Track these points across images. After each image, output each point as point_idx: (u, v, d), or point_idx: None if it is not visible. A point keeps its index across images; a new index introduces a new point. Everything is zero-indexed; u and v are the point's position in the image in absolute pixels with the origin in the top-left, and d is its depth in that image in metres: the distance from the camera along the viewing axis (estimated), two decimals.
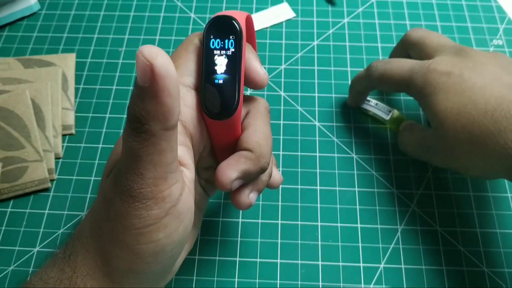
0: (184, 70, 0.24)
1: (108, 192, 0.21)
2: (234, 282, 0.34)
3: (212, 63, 0.24)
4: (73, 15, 0.48)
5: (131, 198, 0.20)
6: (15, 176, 0.37)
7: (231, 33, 0.23)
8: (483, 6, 0.48)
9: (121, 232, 0.21)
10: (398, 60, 0.34)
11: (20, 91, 0.41)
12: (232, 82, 0.23)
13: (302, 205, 0.37)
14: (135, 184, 0.20)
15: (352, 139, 0.40)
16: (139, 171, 0.20)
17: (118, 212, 0.21)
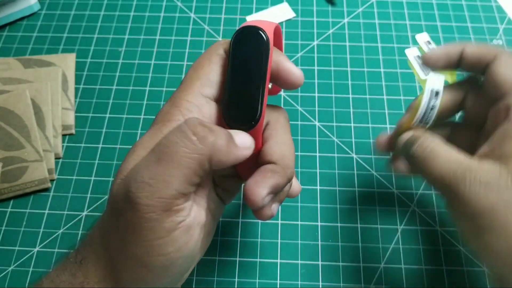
0: (206, 81, 0.24)
1: (119, 202, 0.21)
2: (234, 282, 0.34)
3: (238, 74, 0.23)
4: (73, 15, 0.48)
5: (145, 208, 0.20)
6: (15, 176, 0.37)
7: (259, 44, 0.23)
8: (483, 6, 0.48)
9: (131, 243, 0.21)
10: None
11: (20, 91, 0.41)
12: (257, 93, 0.23)
13: (302, 205, 0.37)
14: (155, 193, 0.20)
15: (352, 139, 0.40)
16: (168, 180, 0.20)
17: (130, 223, 0.20)
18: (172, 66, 0.44)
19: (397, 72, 0.44)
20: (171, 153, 0.20)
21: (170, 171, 0.20)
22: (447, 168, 0.24)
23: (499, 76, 0.26)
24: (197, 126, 0.21)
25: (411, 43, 0.46)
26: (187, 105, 0.23)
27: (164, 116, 0.23)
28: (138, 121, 0.41)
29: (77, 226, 0.36)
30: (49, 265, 0.34)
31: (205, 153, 0.21)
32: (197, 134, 0.21)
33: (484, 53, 0.27)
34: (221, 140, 0.21)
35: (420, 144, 0.26)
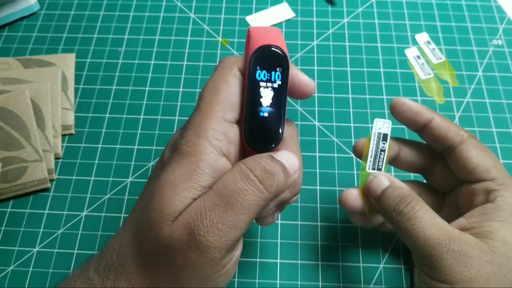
0: (226, 105, 0.23)
1: (178, 242, 0.21)
2: (234, 282, 0.34)
3: (258, 96, 0.23)
4: (73, 15, 0.48)
5: (213, 250, 0.21)
6: (15, 176, 0.37)
7: (278, 64, 0.23)
8: (482, 6, 0.48)
9: (187, 279, 0.21)
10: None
11: (20, 91, 0.40)
12: (278, 115, 0.23)
13: (302, 205, 0.37)
14: (225, 236, 0.21)
15: (351, 139, 0.40)
16: (237, 225, 0.21)
17: (190, 261, 0.21)
18: (172, 66, 0.44)
19: (397, 72, 0.44)
20: (242, 200, 0.21)
21: (240, 217, 0.21)
22: (432, 232, 0.24)
23: (471, 162, 0.27)
24: (263, 174, 0.22)
25: (411, 43, 0.46)
26: (214, 133, 0.22)
27: (194, 148, 0.22)
28: (138, 121, 0.41)
29: (77, 226, 0.36)
30: (49, 265, 0.34)
31: (271, 198, 0.22)
32: (264, 183, 0.22)
33: (451, 133, 0.28)
34: (281, 178, 0.22)
35: (410, 203, 0.26)
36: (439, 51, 0.45)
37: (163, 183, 0.22)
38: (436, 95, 0.42)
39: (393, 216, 0.26)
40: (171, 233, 0.21)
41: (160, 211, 0.21)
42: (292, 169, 0.23)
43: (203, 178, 0.22)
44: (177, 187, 0.22)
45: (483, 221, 0.26)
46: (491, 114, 0.41)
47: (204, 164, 0.22)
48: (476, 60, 0.44)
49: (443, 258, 0.24)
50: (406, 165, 0.31)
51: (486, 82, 0.43)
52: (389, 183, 0.28)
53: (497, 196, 0.26)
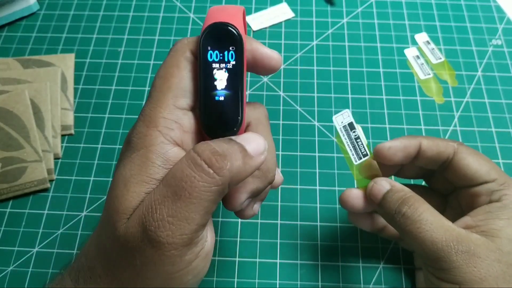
0: (179, 91, 0.22)
1: (133, 240, 0.20)
2: (233, 282, 0.34)
3: (211, 79, 0.21)
4: (72, 15, 0.48)
5: (167, 246, 0.19)
6: (14, 176, 0.37)
7: (231, 43, 0.21)
8: (482, 6, 0.48)
9: (150, 278, 0.20)
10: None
11: (19, 91, 0.40)
12: (235, 98, 0.21)
13: (301, 205, 0.37)
14: (177, 231, 0.19)
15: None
16: (189, 216, 0.19)
17: (149, 260, 0.20)
18: None
19: (396, 72, 0.44)
20: (189, 188, 0.19)
21: (190, 207, 0.19)
22: (439, 234, 0.24)
23: (470, 168, 0.28)
24: (211, 157, 0.20)
25: (410, 43, 0.46)
26: (164, 122, 0.21)
27: (144, 139, 0.21)
28: None
29: (77, 227, 0.36)
30: (49, 265, 0.34)
31: (224, 182, 0.20)
32: (212, 166, 0.20)
33: (442, 148, 0.28)
34: (237, 161, 0.20)
35: (412, 205, 0.26)
36: (439, 51, 0.45)
37: (116, 180, 0.21)
38: (436, 95, 0.42)
39: (396, 219, 0.26)
40: (126, 231, 0.20)
41: (114, 209, 0.20)
42: (255, 150, 0.21)
43: (155, 171, 0.20)
44: (128, 183, 0.20)
45: (489, 219, 0.26)
46: (490, 114, 0.41)
47: (155, 155, 0.21)
48: (476, 60, 0.44)
49: (452, 260, 0.24)
50: (410, 174, 0.32)
51: (485, 82, 0.43)
52: (389, 187, 0.27)
53: (502, 195, 0.27)
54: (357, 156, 0.29)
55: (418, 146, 0.28)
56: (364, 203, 0.29)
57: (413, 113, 0.41)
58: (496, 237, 0.25)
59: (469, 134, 0.40)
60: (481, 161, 0.28)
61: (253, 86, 0.43)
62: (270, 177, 0.24)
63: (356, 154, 0.29)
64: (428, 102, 0.42)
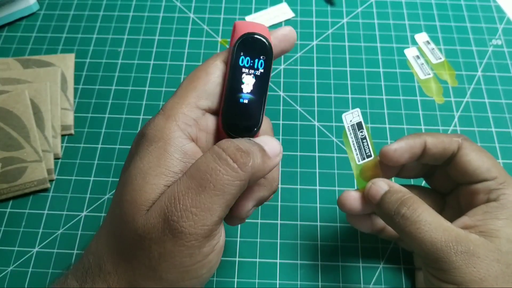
0: (202, 92, 0.23)
1: (153, 230, 0.20)
2: (233, 282, 0.34)
3: (239, 81, 0.23)
4: (72, 15, 0.48)
5: (188, 236, 0.20)
6: (14, 176, 0.37)
7: (262, 52, 0.23)
8: (482, 6, 0.48)
9: (166, 271, 0.20)
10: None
11: (19, 91, 0.40)
12: (258, 103, 0.23)
13: (301, 205, 0.37)
14: (200, 221, 0.20)
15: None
16: (212, 207, 0.20)
17: (167, 251, 0.20)
18: (171, 66, 0.44)
19: (396, 72, 0.44)
20: (214, 181, 0.20)
21: (213, 199, 0.20)
22: (438, 235, 0.24)
23: (472, 164, 0.28)
24: (236, 152, 0.21)
25: (410, 43, 0.46)
26: (184, 118, 0.22)
27: (162, 132, 0.22)
28: (137, 121, 0.41)
29: (77, 227, 0.36)
30: (49, 265, 0.34)
31: (247, 178, 0.21)
32: (237, 161, 0.21)
33: (447, 144, 0.28)
34: (258, 159, 0.21)
35: (410, 206, 0.26)
36: (439, 51, 0.45)
37: (133, 173, 0.21)
38: (436, 95, 0.42)
39: (396, 221, 0.26)
40: (145, 223, 0.20)
41: (132, 202, 0.21)
42: (272, 151, 0.22)
43: (173, 163, 0.21)
44: (147, 176, 0.21)
45: (487, 219, 0.26)
46: (490, 114, 0.41)
47: (173, 148, 0.21)
48: (476, 60, 0.44)
49: (451, 260, 0.24)
50: (411, 173, 0.32)
51: (485, 82, 0.43)
52: (387, 188, 0.27)
53: (500, 194, 0.27)
54: (361, 156, 0.29)
55: (423, 144, 0.28)
56: (362, 205, 0.29)
57: (413, 113, 0.41)
58: (495, 237, 0.25)
59: (469, 134, 0.40)
60: (484, 158, 0.28)
61: None
62: (275, 186, 0.25)
63: (360, 154, 0.29)
64: (428, 102, 0.42)
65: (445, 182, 0.31)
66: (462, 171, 0.28)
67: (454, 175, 0.29)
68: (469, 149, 0.28)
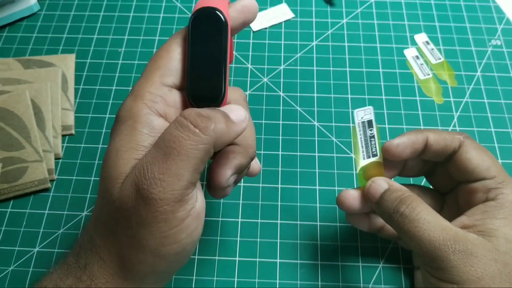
0: (166, 70, 0.24)
1: (128, 201, 0.21)
2: (233, 282, 0.34)
3: (198, 56, 0.23)
4: (73, 15, 0.48)
5: (159, 202, 0.21)
6: (15, 176, 0.37)
7: (217, 25, 0.23)
8: (481, 7, 0.48)
9: (145, 238, 0.21)
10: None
11: (20, 91, 0.41)
12: (219, 71, 0.24)
13: (301, 205, 0.37)
14: (168, 186, 0.21)
15: (351, 139, 0.40)
16: (179, 172, 0.21)
17: (143, 219, 0.21)
18: None
19: (396, 72, 0.44)
20: (178, 147, 0.21)
21: (179, 164, 0.21)
22: (436, 233, 0.25)
23: (472, 162, 0.28)
24: (196, 118, 0.22)
25: (410, 44, 0.46)
26: (150, 96, 0.23)
27: (131, 111, 0.23)
28: None
29: (77, 226, 0.36)
30: (49, 265, 0.34)
31: (210, 141, 0.22)
32: (198, 126, 0.21)
33: (448, 141, 0.28)
34: (221, 124, 0.22)
35: (409, 204, 0.26)
36: (438, 52, 0.45)
37: (108, 152, 0.23)
38: (435, 95, 0.42)
39: (394, 219, 0.26)
40: (120, 195, 0.21)
41: (108, 177, 0.22)
42: (236, 118, 0.23)
43: (142, 138, 0.22)
44: (119, 152, 0.22)
45: (485, 219, 0.26)
46: (489, 114, 0.41)
47: (141, 125, 0.22)
48: (475, 61, 0.45)
49: (449, 259, 0.24)
50: (412, 172, 0.32)
51: (484, 82, 0.43)
52: (387, 186, 0.28)
53: (498, 194, 0.27)
54: (367, 154, 0.29)
55: (425, 141, 0.29)
56: (360, 203, 0.29)
57: (412, 113, 0.41)
58: (493, 237, 0.25)
59: (469, 134, 0.40)
60: (484, 157, 0.28)
61: (253, 86, 0.43)
62: (251, 153, 0.26)
63: (366, 152, 0.29)
64: (427, 102, 0.42)
65: (445, 181, 0.31)
66: (461, 169, 0.28)
67: (454, 173, 0.29)
68: (470, 147, 0.28)
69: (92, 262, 0.23)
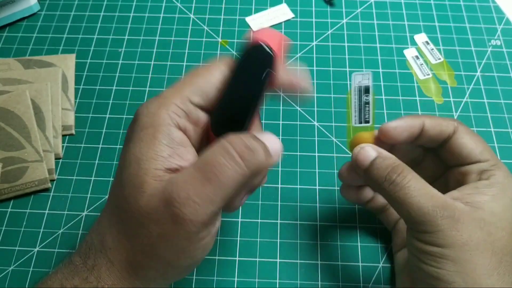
0: (198, 90, 0.24)
1: (154, 213, 0.21)
2: (233, 281, 0.34)
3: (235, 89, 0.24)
4: (73, 15, 0.48)
5: (189, 223, 0.21)
6: (15, 176, 0.37)
7: (264, 64, 0.24)
8: (481, 7, 0.48)
9: (163, 249, 0.22)
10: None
11: (20, 91, 0.41)
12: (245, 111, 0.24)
13: (301, 205, 0.37)
14: (200, 210, 0.21)
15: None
16: (214, 199, 0.21)
17: (166, 234, 0.21)
18: (172, 66, 0.44)
19: (396, 73, 0.44)
20: (220, 174, 0.21)
21: (216, 192, 0.21)
22: (426, 200, 0.25)
23: (467, 147, 0.28)
24: (243, 150, 0.22)
25: (410, 44, 0.46)
26: (174, 108, 0.23)
27: (153, 119, 0.23)
28: None
29: (77, 226, 0.36)
30: (49, 265, 0.35)
31: (249, 174, 0.22)
32: (244, 158, 0.22)
33: (444, 127, 0.29)
34: (261, 157, 0.23)
35: (401, 173, 0.26)
36: (438, 52, 0.45)
37: (128, 159, 0.23)
38: (435, 95, 0.43)
39: (385, 187, 0.26)
40: (147, 204, 0.22)
41: (131, 185, 0.22)
42: (273, 150, 0.24)
43: (161, 149, 0.22)
44: (140, 161, 0.22)
45: (475, 194, 0.27)
46: (489, 114, 0.41)
47: (162, 135, 0.23)
48: (475, 61, 0.45)
49: (437, 224, 0.24)
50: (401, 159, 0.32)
51: (484, 83, 0.43)
52: (376, 154, 0.28)
53: (490, 175, 0.27)
54: (359, 119, 0.29)
55: (421, 126, 0.29)
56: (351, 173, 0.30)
57: (412, 113, 0.41)
58: (479, 208, 0.25)
59: None
60: (477, 142, 0.29)
61: None
62: (266, 172, 0.26)
63: (358, 117, 0.29)
64: (427, 102, 0.42)
65: (432, 170, 0.31)
66: (456, 153, 0.29)
67: (447, 158, 0.30)
68: (464, 132, 0.29)
69: (100, 264, 0.23)
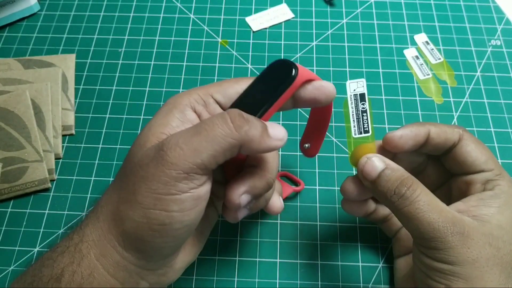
0: (222, 91, 0.26)
1: (145, 159, 0.23)
2: (233, 281, 0.34)
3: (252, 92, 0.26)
4: (73, 15, 0.48)
5: (170, 165, 0.22)
6: (15, 176, 0.37)
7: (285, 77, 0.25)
8: (481, 7, 0.48)
9: (141, 194, 0.23)
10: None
11: (20, 91, 0.41)
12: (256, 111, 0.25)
13: (301, 205, 0.37)
14: (184, 156, 0.22)
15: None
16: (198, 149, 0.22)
17: (147, 174, 0.23)
18: (172, 66, 0.44)
19: (396, 73, 0.44)
20: (209, 130, 0.23)
21: (202, 143, 0.22)
22: (435, 215, 0.25)
23: (471, 155, 0.28)
24: (236, 116, 0.23)
25: (410, 44, 0.46)
26: (196, 97, 0.26)
27: (175, 100, 0.26)
28: (138, 121, 0.41)
29: None
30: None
31: (237, 139, 0.23)
32: (234, 122, 0.23)
33: (449, 134, 0.29)
34: (256, 130, 0.24)
35: (410, 186, 0.26)
36: (438, 52, 0.45)
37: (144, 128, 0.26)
38: (435, 95, 0.43)
39: (394, 200, 0.26)
40: (142, 154, 0.24)
41: (137, 144, 0.25)
42: (274, 134, 0.24)
43: (172, 118, 0.25)
44: (151, 126, 0.25)
45: (480, 206, 0.26)
46: (489, 114, 0.41)
47: (177, 110, 0.25)
48: (475, 61, 0.45)
49: (447, 241, 0.24)
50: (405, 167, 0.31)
51: (484, 82, 0.43)
52: (384, 165, 0.27)
53: (495, 185, 0.27)
54: (358, 129, 0.28)
55: (427, 134, 0.29)
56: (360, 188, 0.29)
57: (412, 113, 0.41)
58: (486, 222, 0.25)
59: None
60: (482, 150, 0.28)
61: None
62: (269, 179, 0.26)
63: (357, 127, 0.28)
64: (427, 102, 0.42)
65: (434, 178, 0.31)
66: (461, 161, 0.29)
67: (450, 166, 0.30)
68: (469, 140, 0.28)
69: (87, 222, 0.24)
